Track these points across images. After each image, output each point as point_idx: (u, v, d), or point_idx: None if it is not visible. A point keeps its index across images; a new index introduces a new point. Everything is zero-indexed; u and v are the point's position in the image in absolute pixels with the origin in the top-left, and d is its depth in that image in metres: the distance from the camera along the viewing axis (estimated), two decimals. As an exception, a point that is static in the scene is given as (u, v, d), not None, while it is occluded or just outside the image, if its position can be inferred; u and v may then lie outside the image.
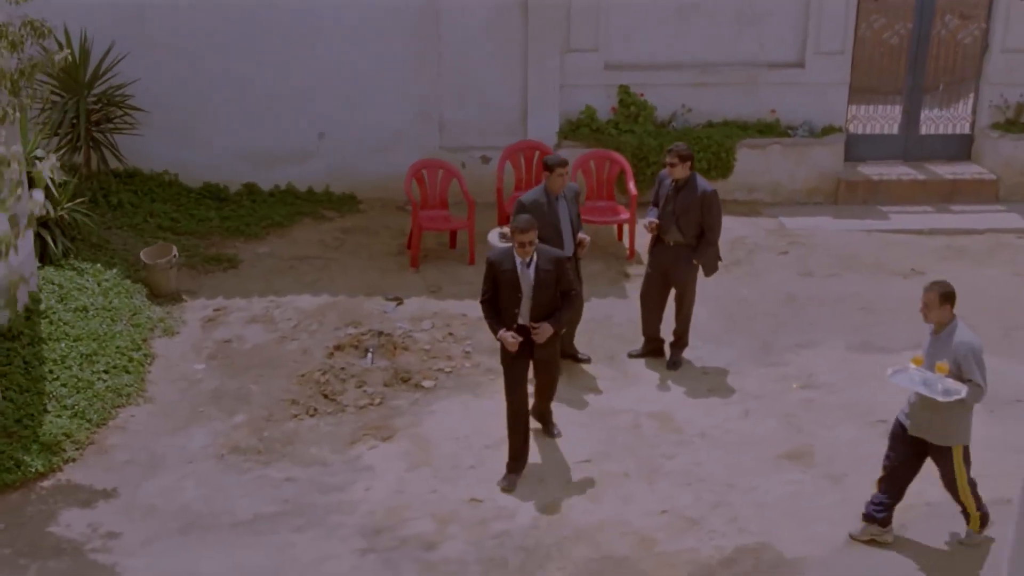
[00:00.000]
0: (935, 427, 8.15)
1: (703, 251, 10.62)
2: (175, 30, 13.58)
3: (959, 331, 8.05)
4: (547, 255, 9.14)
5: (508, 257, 9.11)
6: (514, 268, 9.07)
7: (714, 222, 10.57)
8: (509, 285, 9.08)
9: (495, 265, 9.12)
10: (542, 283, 9.06)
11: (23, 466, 9.27)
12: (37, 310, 10.74)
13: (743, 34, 14.24)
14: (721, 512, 9.02)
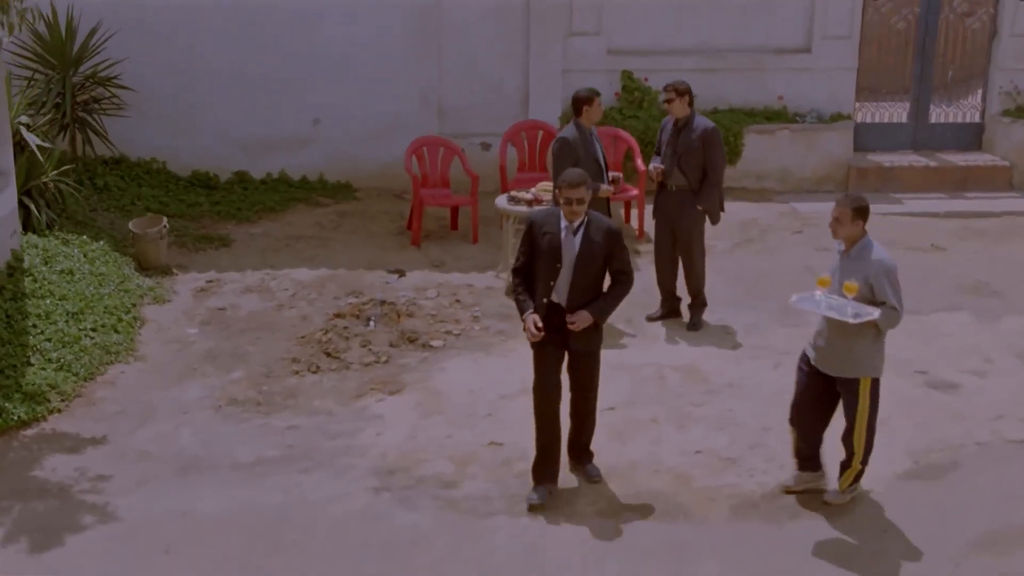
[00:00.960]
0: (840, 357, 7.41)
1: (706, 194, 10.14)
2: (165, 10, 13.10)
3: (872, 249, 7.34)
4: (600, 224, 7.64)
5: (552, 219, 7.68)
6: (557, 232, 7.61)
7: (716, 160, 10.13)
8: (548, 252, 7.60)
9: (535, 225, 7.68)
10: (587, 255, 7.57)
11: (4, 413, 8.58)
12: (20, 267, 10.11)
13: (748, 19, 13.92)
14: (759, 452, 8.42)
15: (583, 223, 7.60)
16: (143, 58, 13.05)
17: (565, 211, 7.58)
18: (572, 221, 7.58)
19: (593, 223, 7.62)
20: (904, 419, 8.85)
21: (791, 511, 7.73)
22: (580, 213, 7.56)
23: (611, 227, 7.67)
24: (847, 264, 7.37)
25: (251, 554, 7.23)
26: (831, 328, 7.36)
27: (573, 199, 7.53)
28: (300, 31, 13.32)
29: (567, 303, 7.61)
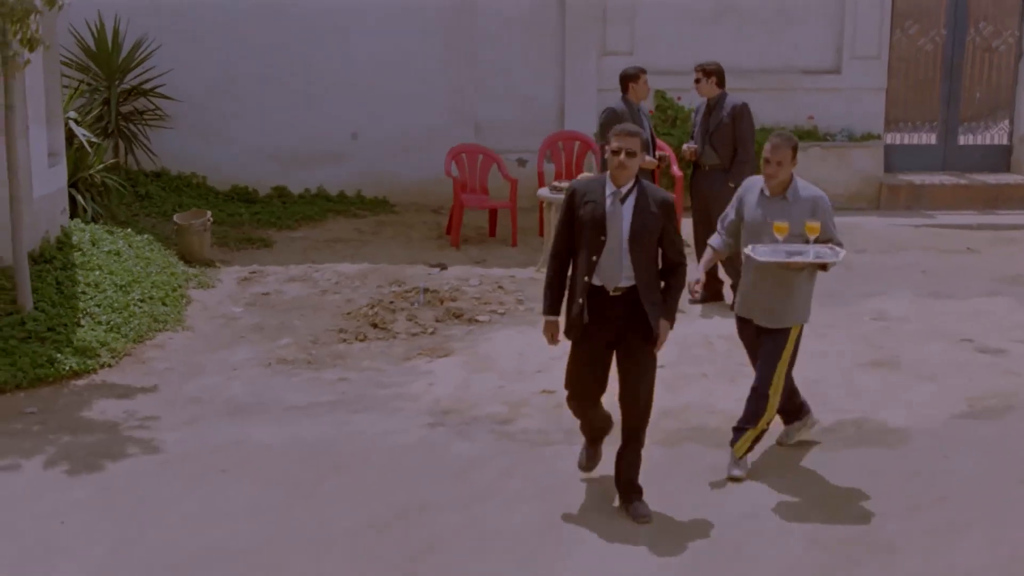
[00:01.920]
0: (779, 308, 6.99)
1: (738, 171, 10.22)
2: (209, 24, 13.38)
3: (807, 186, 7.04)
4: (654, 193, 6.53)
5: (596, 185, 6.56)
6: (602, 201, 6.46)
7: (745, 135, 10.29)
8: (591, 223, 6.45)
9: (576, 194, 6.55)
10: (640, 230, 6.41)
11: (56, 363, 8.61)
12: (68, 243, 10.19)
13: (778, 39, 14.16)
14: (813, 399, 8.34)
15: (633, 189, 6.50)
16: (186, 72, 13.30)
17: (613, 168, 6.47)
18: (620, 185, 6.47)
19: (647, 190, 6.53)
20: (955, 375, 8.84)
21: (848, 441, 7.70)
22: (630, 171, 6.45)
23: (666, 197, 6.55)
24: (787, 207, 6.90)
25: (306, 474, 7.19)
26: (767, 280, 6.93)
27: (623, 149, 6.41)
28: (338, 46, 13.58)
29: (613, 286, 6.47)
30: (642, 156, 6.51)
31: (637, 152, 6.45)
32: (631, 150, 6.43)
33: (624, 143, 6.45)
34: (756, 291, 7.02)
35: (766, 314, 7.03)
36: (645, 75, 10.55)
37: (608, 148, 6.51)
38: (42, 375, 8.49)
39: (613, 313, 6.50)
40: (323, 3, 13.52)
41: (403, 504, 6.79)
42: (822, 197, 6.99)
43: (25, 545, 6.33)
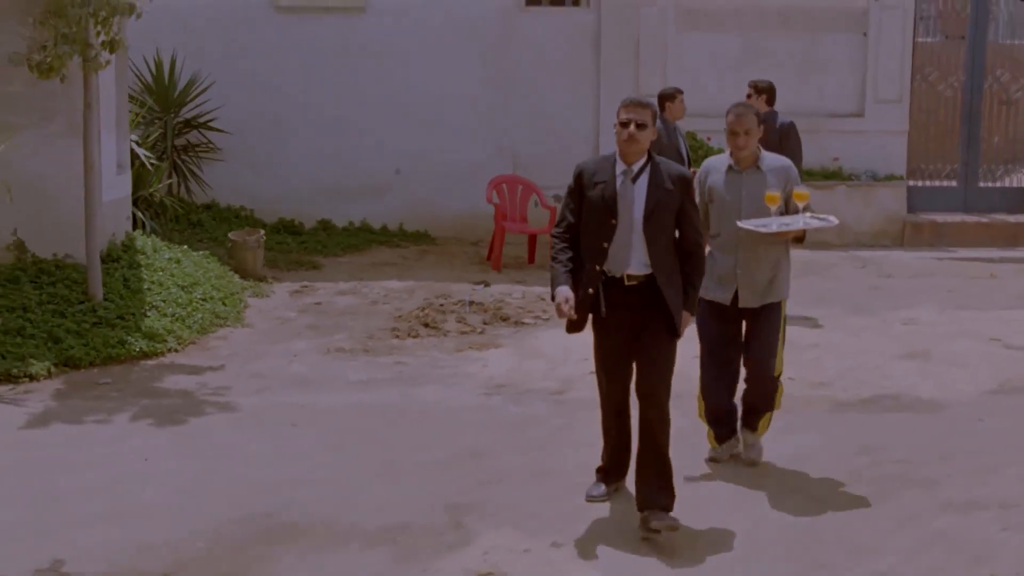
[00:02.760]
0: (766, 285, 6.71)
1: None
2: (256, 62, 14.00)
3: (771, 155, 6.84)
4: (669, 169, 5.99)
5: (605, 164, 6.00)
6: (612, 180, 5.90)
7: (794, 151, 10.71)
8: (600, 205, 5.90)
9: (584, 175, 6.00)
10: (655, 209, 5.87)
11: (126, 344, 9.06)
12: (132, 247, 10.69)
13: (805, 84, 14.73)
14: (849, 377, 8.82)
15: (646, 166, 5.93)
16: (237, 108, 13.87)
17: (622, 142, 5.88)
18: (631, 162, 5.89)
19: (661, 166, 5.97)
20: (985, 364, 9.20)
21: (886, 408, 8.10)
22: (641, 145, 5.87)
23: (683, 172, 6.03)
24: (763, 178, 6.64)
25: (372, 428, 7.61)
26: (752, 260, 6.63)
27: (632, 120, 5.83)
28: (381, 82, 14.16)
29: (628, 274, 5.93)
30: (654, 130, 5.90)
31: (648, 124, 5.86)
32: (641, 121, 5.85)
33: (632, 114, 5.86)
34: (746, 270, 6.63)
35: (757, 292, 6.70)
36: (681, 95, 11.09)
37: (615, 123, 5.93)
38: (114, 354, 8.94)
39: (630, 305, 5.96)
40: (368, 44, 14.15)
41: (466, 448, 7.21)
42: (791, 166, 6.79)
43: (118, 473, 6.76)
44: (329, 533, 5.97)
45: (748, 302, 6.71)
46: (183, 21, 13.49)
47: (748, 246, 6.62)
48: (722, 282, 6.69)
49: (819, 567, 5.59)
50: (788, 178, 6.71)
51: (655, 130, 5.94)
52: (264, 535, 5.91)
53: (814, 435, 7.48)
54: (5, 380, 8.37)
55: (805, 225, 6.64)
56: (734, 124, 6.65)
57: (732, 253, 6.65)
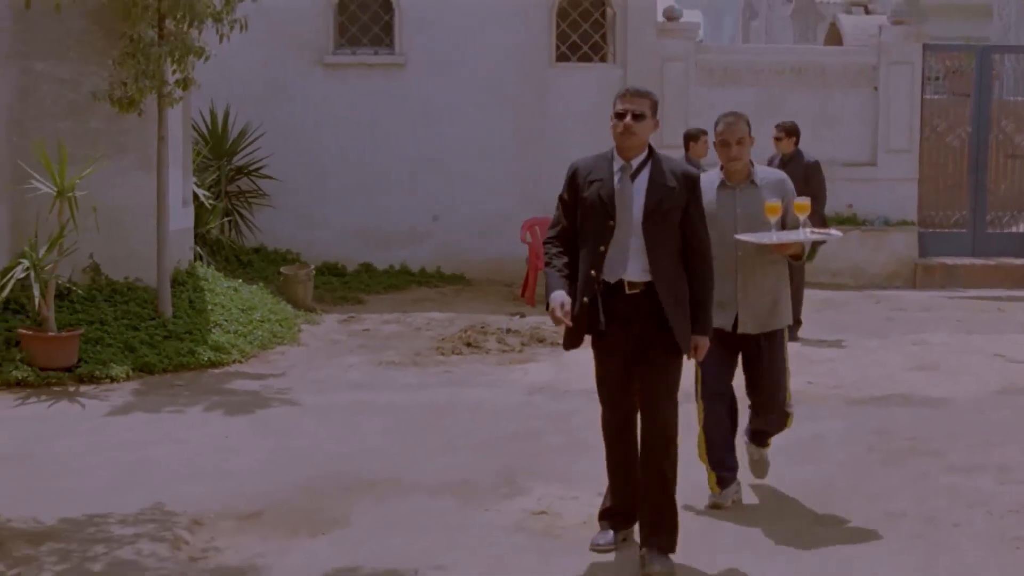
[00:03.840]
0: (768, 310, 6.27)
1: (815, 216, 11.43)
2: (302, 114, 14.93)
3: (764, 168, 6.48)
4: (673, 166, 5.47)
5: (601, 162, 5.50)
6: (609, 178, 5.41)
7: (818, 190, 11.47)
8: (597, 205, 5.39)
9: (579, 173, 5.51)
10: (656, 209, 5.34)
11: (196, 354, 9.83)
12: (195, 273, 11.51)
13: (819, 136, 15.52)
14: (863, 381, 9.50)
15: (646, 162, 5.42)
16: (284, 157, 14.78)
17: (617, 135, 5.39)
18: (629, 158, 5.39)
19: (663, 162, 5.45)
20: (990, 373, 9.87)
21: (896, 403, 8.79)
22: (639, 139, 5.37)
23: (688, 170, 5.48)
24: (758, 193, 6.21)
25: (427, 418, 8.34)
26: (751, 283, 6.22)
27: (629, 111, 5.35)
28: (419, 135, 15.05)
29: (628, 280, 5.37)
30: (653, 123, 5.40)
31: (647, 114, 5.37)
32: (639, 111, 5.35)
33: (629, 104, 5.37)
34: (746, 294, 6.21)
35: (758, 318, 6.26)
36: (705, 135, 11.93)
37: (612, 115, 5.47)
38: (184, 362, 9.71)
39: (632, 317, 5.40)
40: (407, 98, 15.06)
41: (514, 431, 7.94)
42: (785, 176, 6.38)
43: (199, 448, 7.50)
44: (397, 487, 6.69)
45: (749, 328, 6.22)
46: (236, 76, 14.40)
47: (747, 268, 6.21)
48: (721, 307, 6.08)
49: (837, 509, 6.28)
50: (785, 191, 6.26)
51: (656, 121, 5.40)
52: (340, 488, 6.63)
53: (830, 421, 8.17)
54: (88, 381, 9.15)
55: (807, 238, 6.22)
56: (725, 133, 6.18)
57: (730, 277, 6.17)
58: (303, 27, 15.06)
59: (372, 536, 5.86)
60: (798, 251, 6.30)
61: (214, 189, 14.02)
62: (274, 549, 5.65)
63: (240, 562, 5.47)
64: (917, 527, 6.00)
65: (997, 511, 6.22)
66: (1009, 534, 5.87)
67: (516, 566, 5.50)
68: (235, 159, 14.58)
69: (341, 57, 15.16)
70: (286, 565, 5.44)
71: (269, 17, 13.82)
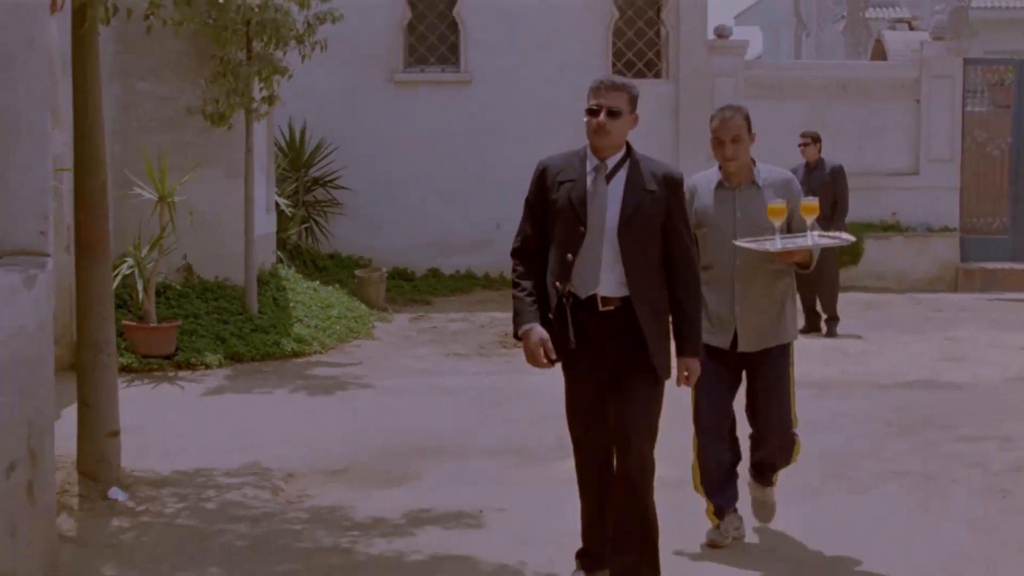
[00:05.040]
0: (772, 325, 5.67)
1: (837, 220, 12.26)
2: (374, 128, 15.95)
3: (768, 167, 5.79)
4: (653, 167, 4.89)
5: (574, 161, 4.93)
6: (582, 178, 4.85)
7: (843, 192, 12.32)
8: (566, 211, 4.84)
9: (548, 172, 4.95)
10: (634, 214, 4.80)
11: (280, 345, 10.83)
12: (277, 274, 12.53)
13: (863, 147, 16.35)
14: (892, 370, 10.30)
15: (623, 162, 4.85)
16: (357, 169, 15.81)
17: (590, 133, 4.83)
18: (604, 157, 4.83)
19: (642, 162, 4.87)
20: (1011, 363, 10.63)
21: (919, 387, 9.59)
22: (614, 138, 4.81)
23: (670, 171, 4.90)
24: (760, 196, 5.59)
25: (491, 399, 9.25)
26: (752, 296, 5.61)
27: (603, 106, 4.77)
28: (482, 148, 16.01)
29: (601, 295, 4.79)
30: (632, 119, 4.86)
31: (623, 110, 4.79)
32: (613, 107, 4.77)
33: (603, 98, 4.78)
34: (745, 308, 5.60)
35: (760, 334, 5.65)
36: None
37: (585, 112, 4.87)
38: (270, 352, 10.70)
39: (607, 336, 4.82)
40: (472, 112, 16.04)
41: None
42: (792, 176, 5.79)
43: (288, 421, 8.47)
44: (463, 451, 7.61)
45: (749, 346, 5.62)
46: (313, 93, 15.42)
47: (747, 279, 5.60)
48: (718, 324, 5.60)
49: (849, 468, 7.12)
50: (791, 192, 5.65)
51: (636, 116, 4.86)
52: (413, 452, 7.56)
53: (855, 401, 9.00)
54: (185, 367, 10.16)
55: (815, 243, 5.53)
56: (719, 130, 5.57)
57: (727, 288, 5.59)
58: (375, 47, 16.09)
59: (441, 487, 6.77)
60: (805, 259, 5.58)
61: (293, 198, 15.05)
62: (357, 496, 6.58)
63: (330, 504, 6.41)
64: (918, 482, 6.81)
65: (993, 470, 7.03)
66: (998, 486, 6.67)
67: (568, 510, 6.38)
68: (312, 170, 15.62)
69: (410, 75, 16.18)
70: (368, 507, 6.36)
71: (344, 38, 14.81)
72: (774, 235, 5.50)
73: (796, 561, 5.46)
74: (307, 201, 15.56)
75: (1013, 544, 5.71)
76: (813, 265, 5.66)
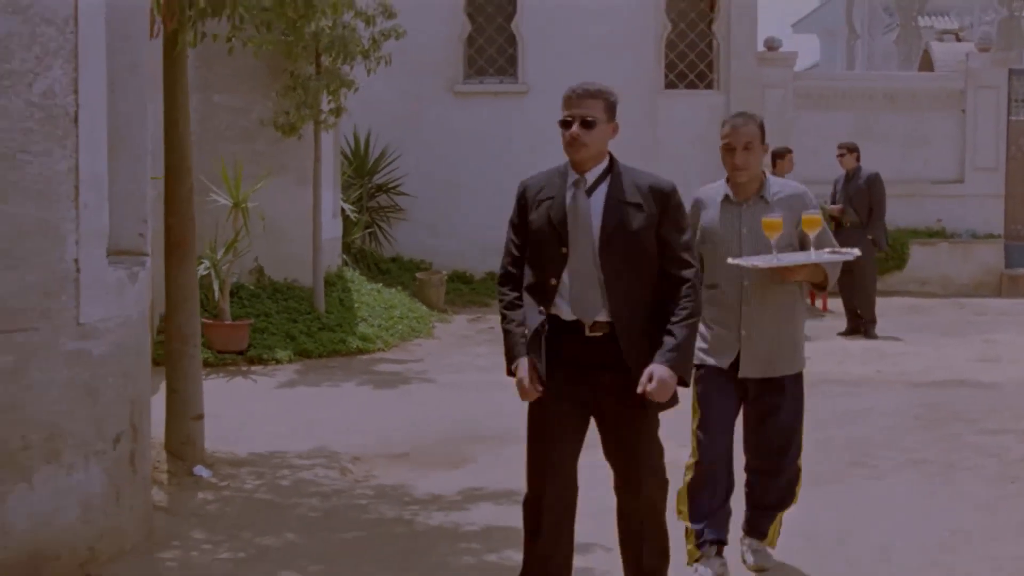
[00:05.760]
0: (781, 350, 5.24)
1: (874, 225, 12.78)
2: (434, 137, 16.63)
3: (782, 181, 5.42)
4: (639, 179, 4.53)
5: (554, 178, 4.59)
6: (561, 194, 4.51)
7: (879, 197, 12.83)
8: (546, 230, 4.49)
9: (528, 191, 4.62)
10: (616, 232, 4.44)
11: (346, 342, 11.51)
12: (343, 276, 13.24)
13: (910, 155, 16.81)
14: (927, 370, 10.79)
15: (606, 175, 4.52)
16: (418, 176, 16.50)
17: (565, 145, 4.50)
18: (583, 171, 4.51)
19: (625, 175, 4.52)
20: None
21: (950, 386, 10.07)
22: (591, 150, 4.47)
23: (657, 182, 4.51)
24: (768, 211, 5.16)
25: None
26: (759, 318, 5.20)
27: (576, 116, 4.46)
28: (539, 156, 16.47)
29: (589, 321, 4.42)
30: (611, 128, 4.53)
31: (598, 119, 4.47)
32: (588, 117, 4.46)
33: (576, 108, 4.48)
34: (751, 331, 5.19)
35: (768, 360, 5.23)
36: (790, 154, 13.27)
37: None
38: (337, 349, 11.40)
39: (591, 365, 4.44)
40: (528, 121, 16.65)
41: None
42: (805, 191, 5.37)
43: (354, 411, 9.14)
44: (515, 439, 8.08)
45: (752, 372, 5.22)
46: (377, 103, 16.11)
47: (756, 299, 5.21)
48: (719, 346, 5.24)
49: (872, 456, 7.65)
50: (805, 206, 5.23)
51: (615, 125, 4.55)
52: (470, 439, 8.19)
53: (886, 398, 9.50)
54: (257, 362, 10.87)
55: (819, 260, 5.13)
56: (730, 136, 5.21)
57: (734, 310, 5.22)
58: (436, 59, 16.77)
59: (494, 469, 7.39)
60: (818, 277, 5.20)
61: (357, 204, 15.76)
62: (418, 476, 7.22)
63: (393, 483, 7.05)
64: (935, 469, 7.33)
65: (1008, 460, 7.53)
66: (1010, 474, 7.18)
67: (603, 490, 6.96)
68: (375, 177, 16.33)
69: (470, 86, 16.85)
70: (428, 486, 6.99)
71: (406, 51, 15.46)
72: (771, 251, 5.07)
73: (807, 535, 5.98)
74: (371, 207, 16.26)
75: (1014, 524, 6.21)
76: (831, 284, 5.26)
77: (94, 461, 5.19)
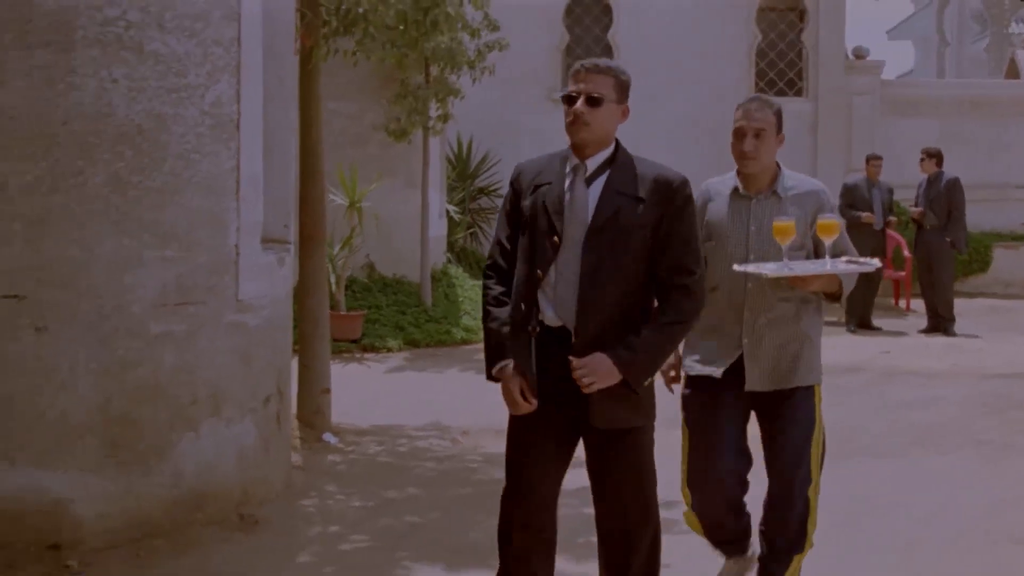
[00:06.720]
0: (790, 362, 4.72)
1: (953, 227, 13.34)
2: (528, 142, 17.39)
3: (799, 176, 4.89)
4: (644, 170, 4.13)
5: (553, 163, 4.23)
6: (559, 181, 4.12)
7: (959, 202, 13.39)
8: (539, 217, 4.10)
9: (523, 176, 4.25)
10: (606, 224, 4.03)
11: (451, 334, 12.38)
12: (448, 272, 14.13)
13: (995, 160, 17.29)
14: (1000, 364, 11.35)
15: (608, 163, 4.13)
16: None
17: (567, 125, 4.11)
18: (585, 156, 4.13)
19: (629, 166, 4.12)
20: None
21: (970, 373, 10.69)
22: (594, 131, 4.10)
23: (663, 174, 4.10)
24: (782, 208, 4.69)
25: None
26: (764, 327, 4.71)
27: (583, 92, 4.06)
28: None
29: (576, 324, 4.01)
30: (620, 111, 4.16)
31: (604, 97, 4.07)
32: (595, 94, 4.06)
33: (582, 83, 4.08)
34: (754, 339, 4.69)
35: (774, 371, 4.72)
36: (878, 161, 13.87)
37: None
38: (442, 339, 12.26)
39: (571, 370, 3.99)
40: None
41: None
42: (822, 188, 4.85)
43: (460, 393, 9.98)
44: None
45: (757, 384, 4.70)
46: (479, 110, 16.96)
47: (760, 304, 4.72)
48: (715, 352, 4.74)
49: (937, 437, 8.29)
50: (820, 206, 4.73)
51: (626, 108, 4.17)
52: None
53: (957, 388, 10.11)
54: (370, 350, 11.78)
55: (835, 270, 4.58)
56: (742, 121, 4.74)
57: (735, 316, 4.74)
58: (535, 68, 17.60)
59: (589, 442, 8.18)
60: (833, 287, 4.68)
61: (460, 206, 16.64)
62: (521, 447, 8.04)
63: (499, 452, 7.72)
64: (995, 449, 7.98)
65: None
66: (1063, 455, 7.84)
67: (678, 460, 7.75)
68: (476, 181, 17.20)
69: (565, 93, 17.61)
70: (530, 455, 7.81)
71: (506, 60, 16.33)
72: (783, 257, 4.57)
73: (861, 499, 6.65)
74: (472, 208, 17.14)
75: (1058, 494, 6.89)
76: (845, 294, 4.70)
77: (249, 417, 6.08)
